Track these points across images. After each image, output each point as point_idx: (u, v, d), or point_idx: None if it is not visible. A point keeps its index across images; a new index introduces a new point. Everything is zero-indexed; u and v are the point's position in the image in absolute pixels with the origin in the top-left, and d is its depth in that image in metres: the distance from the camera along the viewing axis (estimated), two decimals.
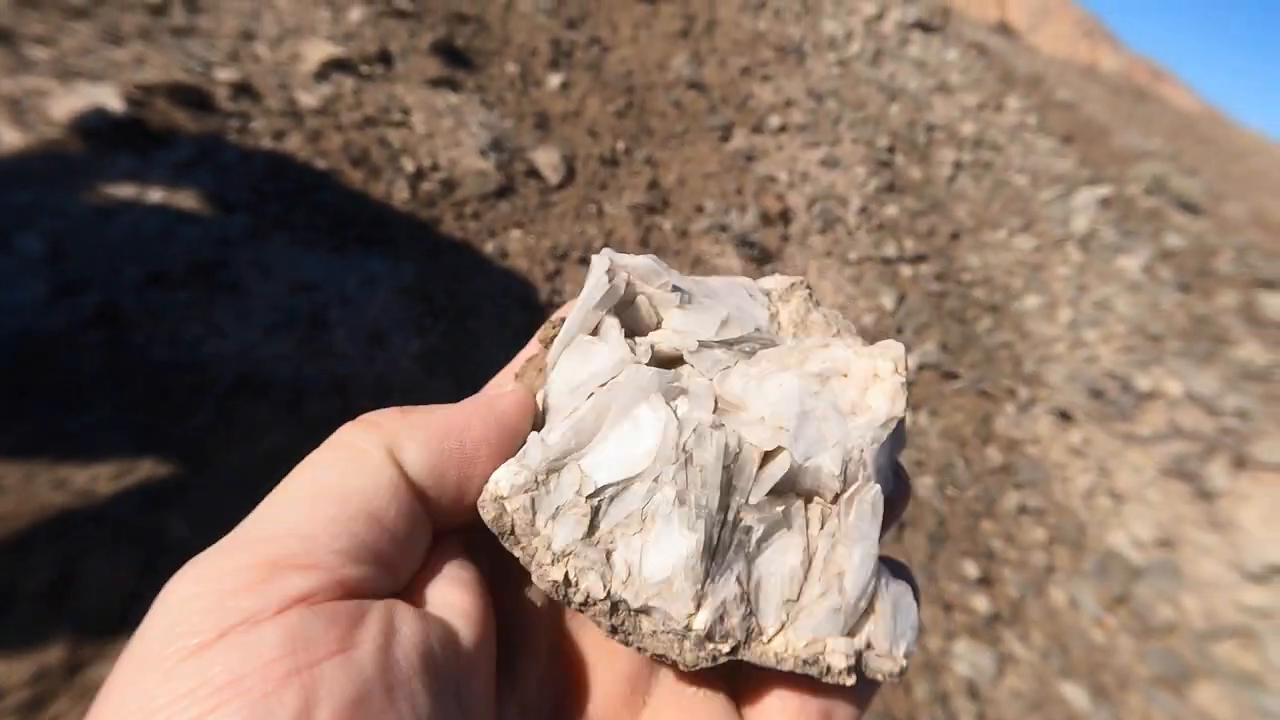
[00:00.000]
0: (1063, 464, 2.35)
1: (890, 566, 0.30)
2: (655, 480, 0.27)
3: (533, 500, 0.26)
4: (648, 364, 0.29)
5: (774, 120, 2.79)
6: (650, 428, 0.28)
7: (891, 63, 3.82)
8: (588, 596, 0.26)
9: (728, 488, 0.27)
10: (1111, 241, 3.40)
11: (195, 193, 1.25)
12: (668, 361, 0.31)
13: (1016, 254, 3.03)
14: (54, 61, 1.26)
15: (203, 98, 1.38)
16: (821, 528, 0.28)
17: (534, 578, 0.26)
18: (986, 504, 2.05)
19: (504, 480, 0.26)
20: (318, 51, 1.67)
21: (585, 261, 1.82)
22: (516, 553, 0.26)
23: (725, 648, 0.26)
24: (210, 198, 1.26)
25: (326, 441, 0.25)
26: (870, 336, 2.17)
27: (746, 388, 0.29)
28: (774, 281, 0.37)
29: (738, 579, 0.27)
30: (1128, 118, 6.11)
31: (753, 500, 0.28)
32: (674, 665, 0.27)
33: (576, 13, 2.65)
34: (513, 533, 0.26)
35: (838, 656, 0.27)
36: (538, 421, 0.29)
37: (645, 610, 0.26)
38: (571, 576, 0.26)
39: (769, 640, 0.27)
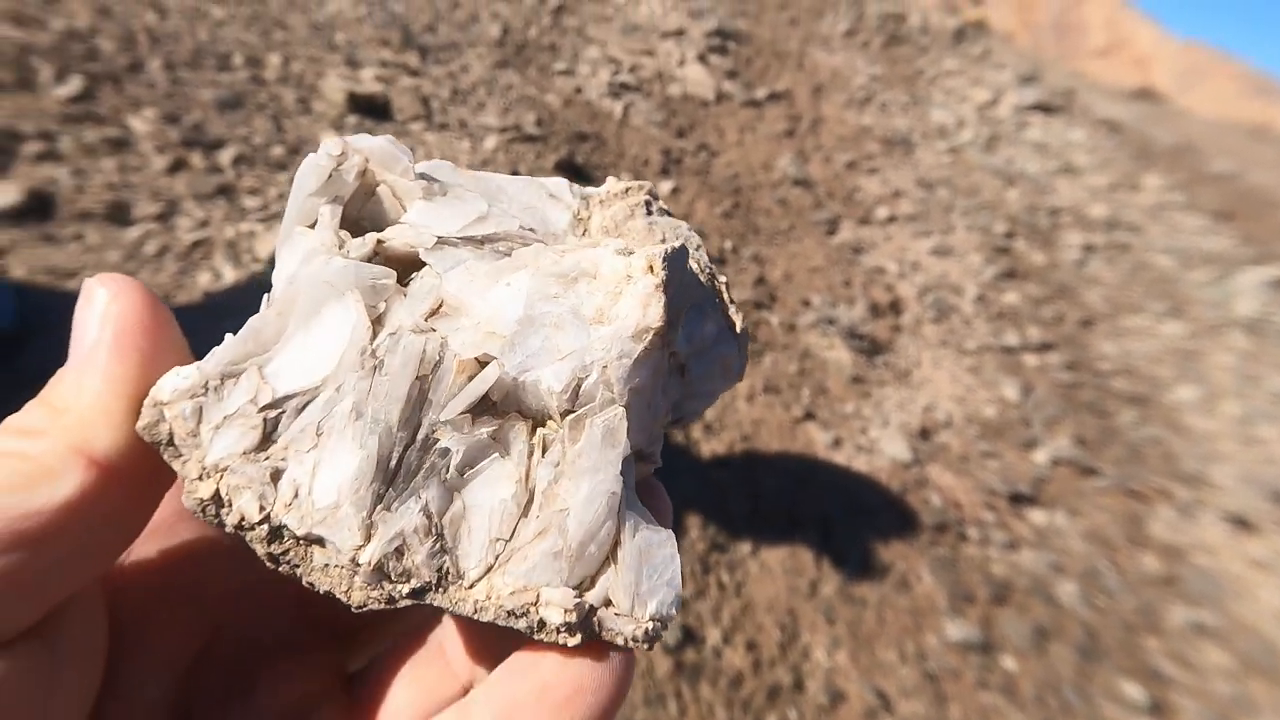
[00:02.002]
0: (1243, 578, 2.22)
1: (641, 510, 0.27)
2: (338, 390, 0.25)
3: (200, 408, 0.24)
4: (370, 261, 0.27)
5: (881, 212, 2.97)
6: (336, 329, 0.25)
7: (1008, 147, 3.95)
8: (242, 519, 0.24)
9: (420, 402, 0.25)
10: None
11: None
12: (404, 261, 0.28)
13: (1164, 341, 2.98)
14: (261, 208, 1.66)
15: None
16: (544, 455, 0.26)
17: (183, 497, 0.24)
18: (1147, 617, 1.97)
19: (168, 385, 0.24)
20: None
21: None
22: (176, 467, 0.24)
23: (405, 588, 0.24)
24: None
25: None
26: (994, 429, 2.22)
27: (471, 287, 0.27)
28: (607, 185, 0.35)
29: (424, 509, 0.25)
30: None
31: (445, 416, 0.25)
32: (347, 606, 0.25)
33: (685, 123, 3.00)
34: (171, 443, 0.24)
35: (553, 610, 0.25)
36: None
37: (315, 539, 0.24)
38: (224, 494, 0.24)
39: (471, 585, 0.25)
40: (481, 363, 0.26)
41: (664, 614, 0.26)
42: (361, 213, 0.29)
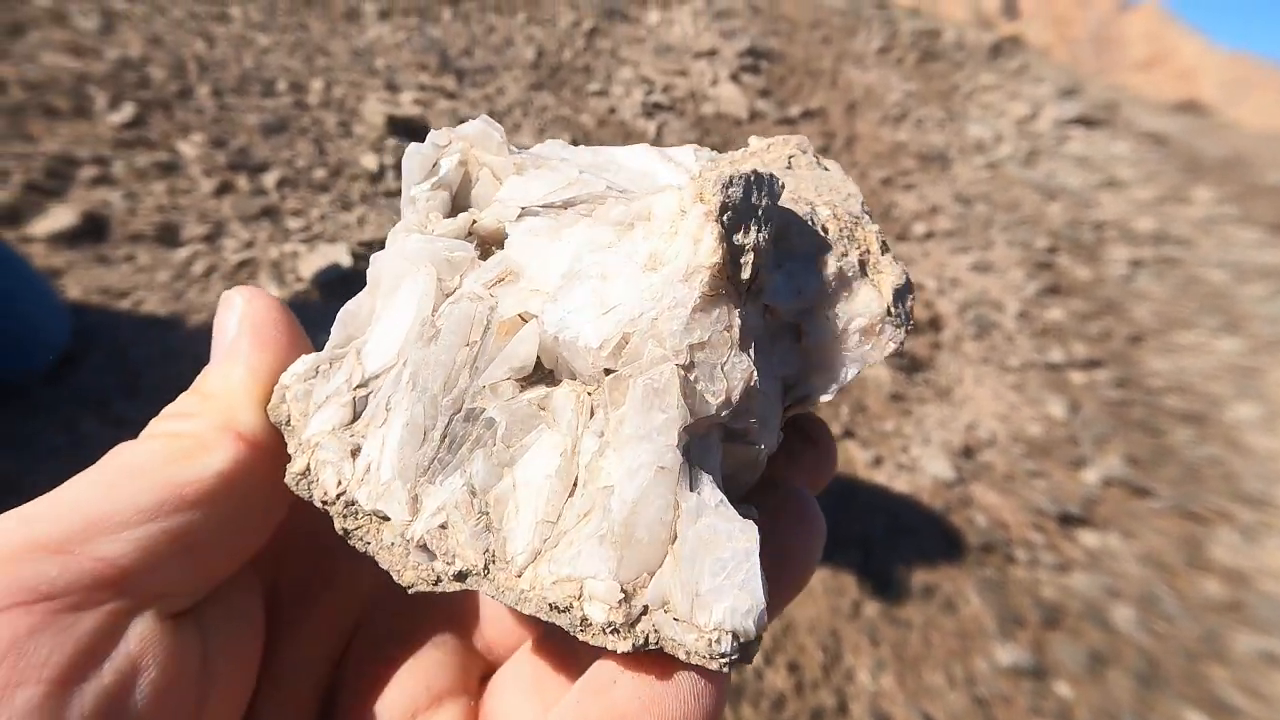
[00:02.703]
0: None
1: (713, 494, 0.23)
2: (405, 363, 0.25)
3: (309, 390, 0.25)
4: (465, 239, 0.27)
5: (919, 228, 2.96)
6: (409, 303, 0.25)
7: (1049, 161, 3.91)
8: (325, 493, 0.24)
9: (470, 369, 0.24)
10: None
11: None
12: (497, 237, 0.27)
13: (1219, 357, 2.90)
14: (304, 229, 1.72)
15: None
16: (590, 424, 0.23)
17: (286, 473, 0.25)
18: (1211, 645, 1.91)
19: (291, 370, 0.26)
20: None
21: None
22: (290, 449, 0.25)
23: (451, 569, 0.23)
24: None
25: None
26: (1040, 447, 2.17)
27: (531, 248, 0.25)
28: (750, 143, 0.34)
29: (468, 483, 0.23)
30: None
31: (484, 382, 0.24)
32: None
33: (719, 141, 3.02)
34: (288, 423, 0.25)
35: (596, 606, 0.21)
36: None
37: (382, 515, 0.24)
38: (312, 469, 0.24)
39: (519, 572, 0.22)
40: (526, 320, 0.24)
41: (734, 626, 0.21)
42: (469, 198, 0.29)
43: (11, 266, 1.21)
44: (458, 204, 0.29)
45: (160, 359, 1.39)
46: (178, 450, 0.23)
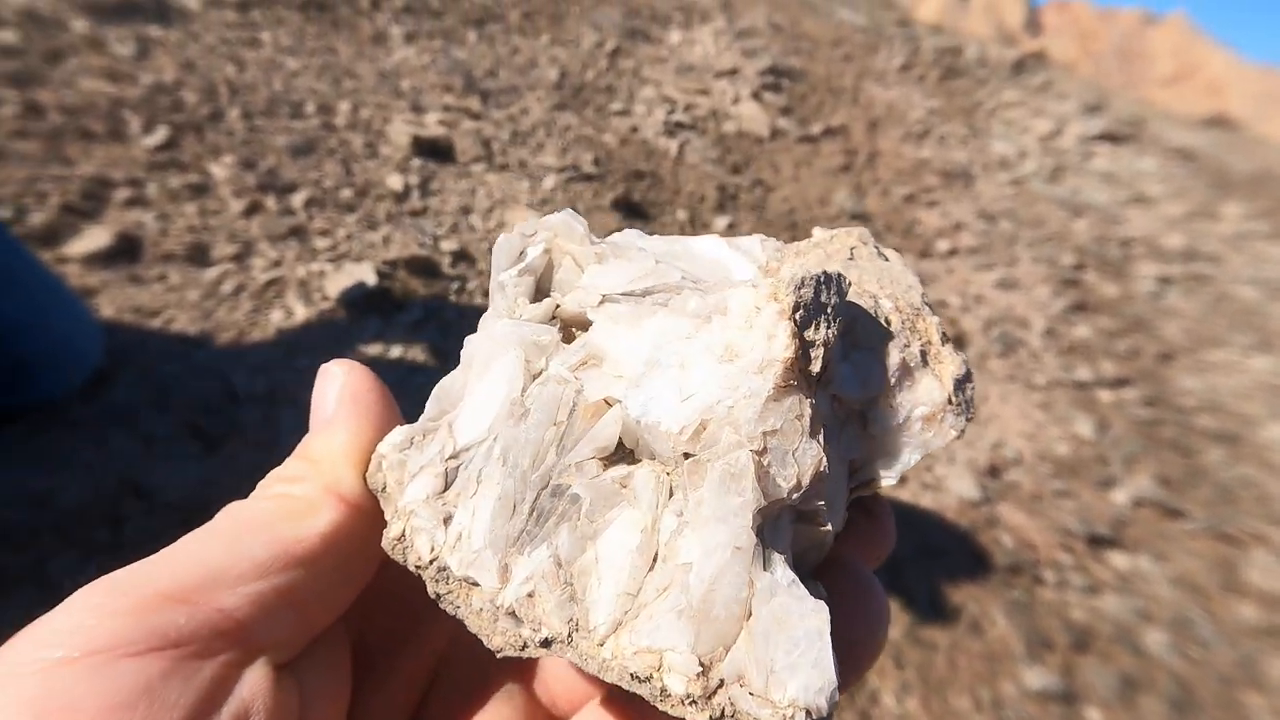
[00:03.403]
0: None
1: (784, 575, 0.25)
2: (495, 439, 0.27)
3: (404, 460, 0.27)
4: (549, 323, 0.29)
5: (942, 245, 2.94)
6: (499, 383, 0.28)
7: (1074, 178, 3.87)
8: (419, 558, 0.26)
9: (559, 449, 0.26)
10: None
11: (424, 347, 1.64)
12: (578, 322, 0.29)
13: (1253, 376, 2.84)
14: (330, 248, 1.75)
15: (431, 266, 1.82)
16: (669, 503, 0.25)
17: (383, 538, 0.27)
18: (1247, 670, 1.85)
19: (387, 440, 0.28)
20: (518, 217, 2.11)
21: None
22: (387, 515, 0.27)
23: (537, 636, 0.24)
24: (435, 351, 1.64)
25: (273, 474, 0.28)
26: (1068, 467, 2.14)
27: (613, 334, 0.27)
28: (815, 235, 0.36)
29: (554, 555, 0.25)
30: None
31: (572, 460, 0.26)
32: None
33: (740, 159, 3.04)
34: (384, 490, 0.27)
35: (675, 678, 0.23)
36: None
37: (473, 582, 0.25)
38: (407, 535, 0.26)
39: (601, 641, 0.24)
40: (610, 405, 0.26)
41: (808, 703, 0.22)
42: (552, 283, 0.31)
43: (47, 287, 1.25)
44: (541, 289, 0.31)
45: (189, 376, 1.42)
46: (289, 510, 0.26)
